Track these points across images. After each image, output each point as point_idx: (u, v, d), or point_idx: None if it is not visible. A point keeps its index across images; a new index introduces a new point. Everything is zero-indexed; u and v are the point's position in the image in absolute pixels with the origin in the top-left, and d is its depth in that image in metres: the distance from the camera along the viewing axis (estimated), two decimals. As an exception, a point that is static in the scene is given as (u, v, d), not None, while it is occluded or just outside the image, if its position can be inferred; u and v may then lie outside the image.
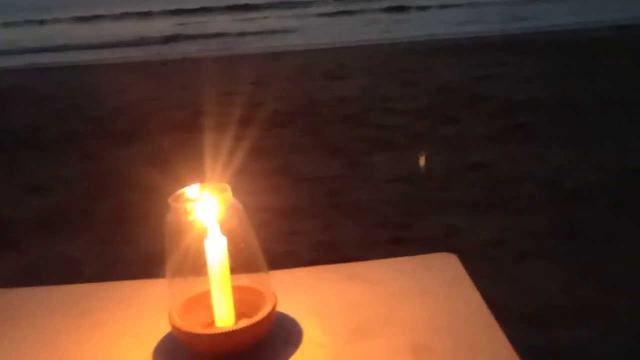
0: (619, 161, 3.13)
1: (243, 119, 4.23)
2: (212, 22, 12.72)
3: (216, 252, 0.65)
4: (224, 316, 0.67)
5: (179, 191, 0.65)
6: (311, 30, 10.77)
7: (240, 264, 0.67)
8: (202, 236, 0.64)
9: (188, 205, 0.63)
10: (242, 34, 10.91)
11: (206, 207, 0.64)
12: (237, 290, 0.68)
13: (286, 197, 2.90)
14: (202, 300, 0.68)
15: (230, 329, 0.64)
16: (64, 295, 0.84)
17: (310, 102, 5.03)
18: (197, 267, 0.65)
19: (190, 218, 0.63)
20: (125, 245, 2.58)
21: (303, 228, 2.54)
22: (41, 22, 14.48)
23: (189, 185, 0.66)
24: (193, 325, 0.65)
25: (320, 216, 2.70)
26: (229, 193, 0.66)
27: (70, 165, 3.86)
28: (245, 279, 0.70)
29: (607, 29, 7.77)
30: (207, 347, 0.65)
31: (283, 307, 0.71)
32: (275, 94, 5.18)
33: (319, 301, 0.76)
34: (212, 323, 0.67)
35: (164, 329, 0.70)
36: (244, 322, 0.65)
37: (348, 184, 3.13)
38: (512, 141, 3.63)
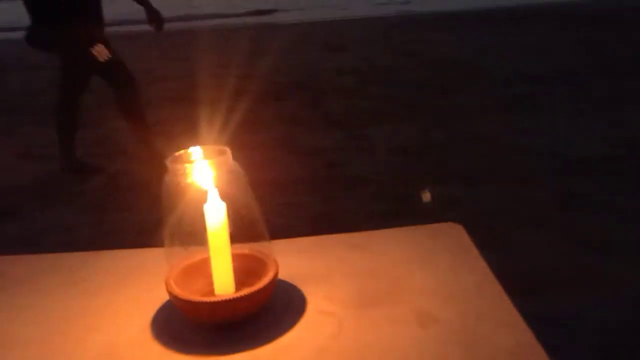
0: (620, 132, 3.11)
1: (241, 91, 4.16)
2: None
3: (216, 217, 0.62)
4: (224, 284, 0.65)
5: (178, 153, 0.61)
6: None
7: (240, 231, 0.64)
8: (201, 200, 0.62)
9: (187, 166, 0.60)
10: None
11: (205, 169, 0.61)
12: (238, 258, 0.66)
13: (285, 169, 2.88)
14: (201, 268, 0.65)
15: (230, 297, 0.62)
16: (61, 263, 0.82)
17: (309, 73, 4.97)
18: (196, 233, 0.63)
19: (189, 180, 0.60)
20: (121, 213, 2.56)
21: (301, 200, 2.52)
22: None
23: (187, 148, 0.63)
24: (192, 293, 0.63)
25: (319, 188, 2.68)
26: (229, 155, 0.63)
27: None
28: (246, 248, 0.67)
29: (609, 2, 7.66)
30: (206, 316, 0.63)
31: (285, 275, 0.69)
32: (275, 66, 5.11)
33: (322, 270, 0.74)
34: (211, 291, 0.65)
35: (162, 297, 0.68)
36: (245, 290, 0.63)
37: (346, 156, 3.10)
38: (512, 112, 3.59)
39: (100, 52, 2.75)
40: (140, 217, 2.43)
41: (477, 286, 0.68)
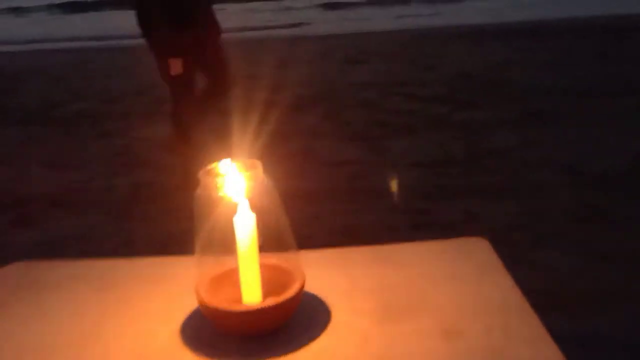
0: (638, 146, 3.07)
1: (264, 102, 4.20)
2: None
3: (245, 228, 0.64)
4: (252, 294, 0.66)
5: (210, 166, 0.63)
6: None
7: (269, 242, 0.65)
8: (231, 212, 0.63)
9: (218, 180, 0.62)
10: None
11: (236, 183, 0.62)
12: (266, 269, 0.67)
13: (306, 180, 2.89)
14: (230, 278, 0.67)
15: (259, 307, 0.63)
16: (88, 269, 0.84)
17: (330, 86, 5.00)
18: (225, 244, 0.64)
19: (220, 193, 0.62)
20: (143, 223, 2.60)
21: (322, 212, 2.53)
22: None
23: (219, 160, 0.64)
24: (220, 302, 0.64)
25: (340, 200, 2.69)
26: (260, 169, 0.64)
27: (88, 143, 3.89)
28: (273, 258, 0.69)
29: (629, 17, 7.59)
30: (234, 325, 0.64)
31: (310, 287, 0.69)
32: (297, 78, 5.15)
33: (347, 282, 0.75)
34: (239, 301, 0.66)
35: (190, 306, 0.69)
36: (272, 300, 0.64)
37: (367, 168, 3.11)
38: (531, 127, 3.58)
39: (174, 65, 2.69)
40: (164, 228, 2.46)
41: (504, 301, 0.68)
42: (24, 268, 0.86)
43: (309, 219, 2.43)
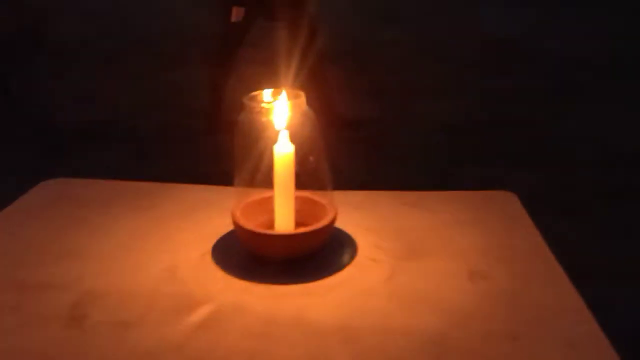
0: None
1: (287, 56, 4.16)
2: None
3: (283, 157, 0.65)
4: (285, 222, 0.68)
5: (255, 92, 0.64)
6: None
7: (305, 173, 0.67)
8: (272, 141, 0.65)
9: (262, 105, 0.63)
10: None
11: (279, 110, 0.64)
12: (300, 200, 0.69)
13: (327, 137, 2.89)
14: (265, 204, 0.69)
15: (292, 232, 0.66)
16: (123, 189, 0.87)
17: (358, 43, 4.92)
18: (264, 171, 0.66)
19: (263, 119, 0.63)
20: (167, 161, 2.64)
21: (343, 168, 2.54)
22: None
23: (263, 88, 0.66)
24: (255, 226, 0.66)
25: (361, 158, 2.69)
26: (303, 99, 0.65)
27: (117, 81, 3.91)
28: (308, 193, 0.70)
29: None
30: (266, 248, 0.67)
31: (339, 224, 0.71)
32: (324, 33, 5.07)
33: (374, 222, 0.77)
34: (271, 227, 0.68)
35: (223, 229, 0.72)
36: (303, 228, 0.66)
37: (391, 128, 3.10)
38: (563, 99, 3.51)
39: (236, 12, 2.74)
40: (185, 168, 2.50)
41: (529, 250, 0.69)
42: (62, 184, 0.89)
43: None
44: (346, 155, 2.67)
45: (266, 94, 0.65)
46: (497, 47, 4.75)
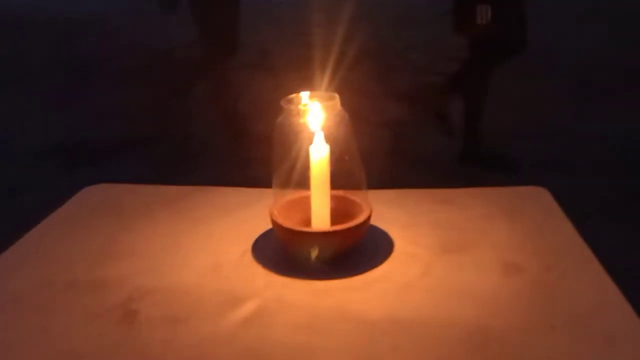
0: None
1: (311, 60, 4.20)
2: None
3: (319, 157, 0.67)
4: (321, 220, 0.70)
5: (291, 95, 0.67)
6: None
7: (340, 172, 0.69)
8: (308, 142, 0.67)
9: (299, 108, 0.65)
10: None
11: (315, 112, 0.66)
12: (335, 199, 0.71)
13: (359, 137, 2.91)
14: (302, 203, 0.71)
15: (329, 229, 0.68)
16: (164, 194, 0.90)
17: (379, 47, 4.94)
18: (301, 171, 0.68)
19: (300, 121, 0.66)
20: (190, 172, 2.69)
21: (368, 170, 2.55)
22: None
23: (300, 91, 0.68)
24: (292, 224, 0.69)
25: (384, 161, 2.70)
26: (337, 101, 0.67)
27: (140, 94, 3.99)
28: (342, 191, 0.72)
29: None
30: (304, 246, 0.69)
31: (374, 221, 0.73)
32: (344, 37, 5.10)
33: (409, 218, 0.78)
34: (308, 226, 0.71)
35: (262, 229, 0.74)
36: (342, 225, 0.68)
37: (413, 131, 3.11)
38: (591, 101, 3.47)
39: (482, 12, 2.31)
40: (210, 177, 2.54)
41: (563, 244, 0.70)
42: (104, 190, 0.92)
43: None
44: (368, 158, 2.69)
45: (302, 96, 0.67)
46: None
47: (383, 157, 2.73)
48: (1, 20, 6.99)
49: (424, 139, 2.98)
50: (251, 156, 2.63)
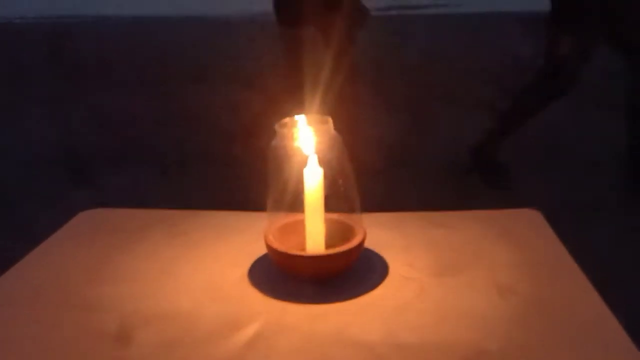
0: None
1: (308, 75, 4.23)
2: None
3: (313, 180, 0.68)
4: (315, 243, 0.70)
5: (285, 119, 0.68)
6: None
7: (334, 195, 0.70)
8: (301, 165, 0.68)
9: (293, 131, 0.66)
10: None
11: (308, 136, 0.67)
12: (330, 223, 0.71)
13: (349, 153, 2.92)
14: (296, 227, 0.71)
15: (324, 253, 0.68)
16: (160, 217, 0.90)
17: (377, 62, 4.98)
18: (295, 195, 0.69)
19: (294, 145, 0.66)
20: (188, 183, 2.70)
21: (365, 186, 2.56)
22: None
23: (292, 115, 0.69)
24: (287, 247, 0.69)
25: (384, 174, 2.72)
26: (331, 125, 0.68)
27: (138, 104, 4.02)
28: (336, 215, 0.73)
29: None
30: (299, 269, 0.69)
31: (368, 244, 0.74)
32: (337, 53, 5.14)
33: (403, 241, 0.79)
34: (303, 249, 0.71)
35: (257, 252, 0.75)
36: (336, 249, 0.68)
37: (412, 144, 3.13)
38: (585, 108, 3.51)
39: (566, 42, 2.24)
40: (207, 188, 2.56)
41: (556, 265, 0.71)
42: (100, 214, 0.93)
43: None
44: (369, 168, 2.70)
45: (296, 120, 0.68)
46: (514, 65, 4.77)
47: (376, 173, 2.74)
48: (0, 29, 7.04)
49: (417, 155, 3.01)
50: (244, 175, 2.64)
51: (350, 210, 0.72)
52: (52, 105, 4.01)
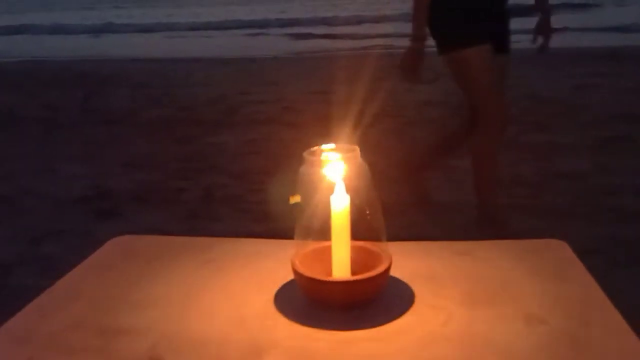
0: None
1: (329, 117, 4.29)
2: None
3: (340, 207, 0.69)
4: (342, 269, 0.71)
5: (314, 147, 0.69)
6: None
7: (361, 222, 0.71)
8: (329, 192, 0.69)
9: (321, 159, 0.68)
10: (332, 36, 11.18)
11: (336, 164, 0.68)
12: (356, 249, 0.72)
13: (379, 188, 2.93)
14: (323, 254, 0.72)
15: (350, 279, 0.69)
16: (188, 245, 0.92)
17: (396, 103, 5.03)
18: (322, 221, 0.70)
19: (321, 172, 0.68)
20: (213, 222, 2.72)
21: (389, 225, 2.56)
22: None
23: (320, 144, 0.71)
24: (314, 273, 0.70)
25: (404, 214, 2.71)
26: (358, 153, 0.70)
27: (165, 146, 4.10)
28: (362, 242, 0.74)
29: None
30: (326, 295, 0.70)
31: (395, 273, 0.74)
32: (362, 94, 5.21)
33: (429, 270, 0.79)
34: (329, 276, 0.72)
35: (283, 279, 0.76)
36: (362, 275, 0.69)
37: (433, 184, 3.11)
38: (607, 153, 3.47)
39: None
40: (232, 228, 2.58)
41: (584, 296, 0.70)
42: (130, 241, 0.95)
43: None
44: (391, 211, 2.70)
45: (324, 148, 0.70)
46: (536, 103, 4.78)
47: (404, 210, 2.73)
48: (35, 78, 7.32)
49: (440, 191, 2.99)
50: (272, 208, 2.66)
51: (376, 237, 0.73)
52: (83, 147, 4.12)
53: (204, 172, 3.47)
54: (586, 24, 10.38)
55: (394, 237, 0.76)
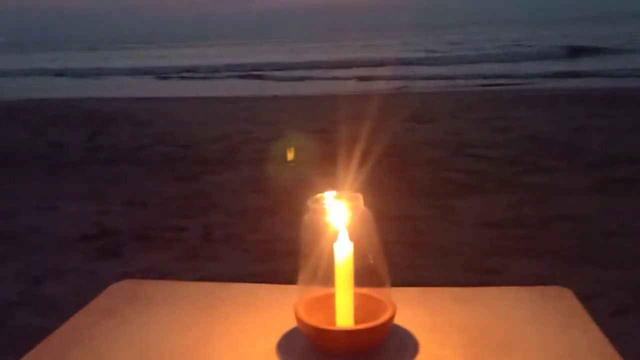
0: None
1: (329, 156, 4.33)
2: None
3: (343, 255, 0.69)
4: (345, 317, 0.71)
5: (317, 195, 0.70)
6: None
7: (365, 269, 0.70)
8: (332, 239, 0.69)
9: (325, 207, 0.68)
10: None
11: (339, 212, 0.69)
12: (359, 297, 0.72)
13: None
14: (326, 301, 0.72)
15: (354, 328, 0.68)
16: (189, 290, 0.91)
17: (396, 143, 5.08)
18: (325, 269, 0.70)
19: (325, 220, 0.68)
20: (212, 261, 2.71)
21: (394, 266, 2.54)
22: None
23: (322, 192, 0.71)
24: (317, 322, 0.69)
25: (404, 255, 2.70)
26: (361, 201, 0.70)
27: (166, 184, 4.12)
28: (366, 289, 0.73)
29: None
30: (329, 344, 0.69)
31: (398, 320, 0.73)
32: (363, 134, 5.27)
33: (432, 318, 0.78)
34: (333, 324, 0.71)
35: (286, 326, 0.75)
36: (366, 324, 0.68)
37: (432, 225, 3.11)
38: (609, 194, 3.47)
39: None
40: (231, 268, 2.56)
41: (590, 346, 0.69)
42: (133, 285, 0.94)
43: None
44: (386, 253, 2.69)
45: (327, 196, 0.70)
46: (537, 145, 4.82)
47: (405, 250, 2.72)
48: (41, 117, 7.41)
49: (442, 233, 2.98)
50: (274, 248, 2.65)
51: (380, 284, 0.73)
52: (87, 185, 4.13)
53: (204, 210, 3.48)
54: (594, 68, 10.60)
55: (394, 278, 0.76)
